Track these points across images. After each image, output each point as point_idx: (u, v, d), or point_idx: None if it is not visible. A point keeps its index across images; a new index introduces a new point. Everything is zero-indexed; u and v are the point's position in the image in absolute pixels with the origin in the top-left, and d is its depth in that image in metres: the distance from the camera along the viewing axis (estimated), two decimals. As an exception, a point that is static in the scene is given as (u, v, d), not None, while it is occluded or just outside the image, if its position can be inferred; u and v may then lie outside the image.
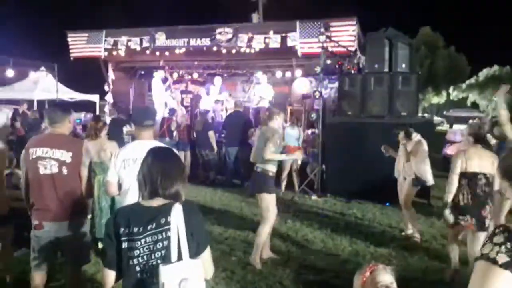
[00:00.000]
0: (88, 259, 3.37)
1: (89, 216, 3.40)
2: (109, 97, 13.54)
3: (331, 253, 5.05)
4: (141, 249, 1.79)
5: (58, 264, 3.61)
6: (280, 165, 8.01)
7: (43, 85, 16.26)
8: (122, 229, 1.82)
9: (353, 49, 9.58)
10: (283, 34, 10.26)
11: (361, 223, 6.40)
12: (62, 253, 3.26)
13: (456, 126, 15.66)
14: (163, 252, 1.79)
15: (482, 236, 3.81)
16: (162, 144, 2.96)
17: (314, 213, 6.90)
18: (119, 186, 2.92)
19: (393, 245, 5.34)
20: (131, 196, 2.84)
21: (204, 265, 1.83)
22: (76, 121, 11.62)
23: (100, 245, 4.85)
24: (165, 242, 1.78)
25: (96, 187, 4.72)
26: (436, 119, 38.34)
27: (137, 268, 1.80)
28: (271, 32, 10.39)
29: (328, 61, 9.26)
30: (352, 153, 7.63)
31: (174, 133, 9.51)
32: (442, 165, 11.06)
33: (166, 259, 1.77)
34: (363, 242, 5.45)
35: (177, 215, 1.78)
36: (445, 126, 27.26)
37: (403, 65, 7.98)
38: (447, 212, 3.97)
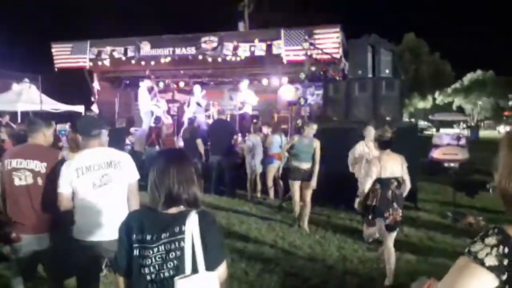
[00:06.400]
0: (70, 273, 3.29)
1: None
2: (94, 108, 13.46)
3: (319, 259, 5.03)
4: (153, 258, 1.68)
5: (41, 278, 3.53)
6: (265, 172, 8.17)
7: (26, 96, 16.00)
8: (134, 235, 1.71)
9: (338, 56, 9.69)
10: (268, 42, 10.35)
11: (349, 228, 6.39)
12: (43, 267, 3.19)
13: (442, 130, 15.80)
14: (175, 262, 1.67)
15: (392, 235, 4.28)
16: (111, 150, 2.93)
17: (301, 220, 6.87)
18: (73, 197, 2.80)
19: (382, 249, 5.33)
20: (88, 204, 2.75)
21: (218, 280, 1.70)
22: (61, 132, 11.45)
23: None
24: (178, 252, 1.67)
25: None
26: (423, 123, 38.84)
27: (148, 278, 1.68)
28: (256, 40, 10.48)
29: (313, 68, 9.33)
30: (338, 159, 7.61)
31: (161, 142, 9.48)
32: (428, 169, 11.24)
33: (178, 270, 1.66)
34: (351, 247, 5.45)
35: (192, 224, 1.67)
36: (433, 131, 27.48)
37: (387, 71, 8.06)
38: (356, 205, 4.53)
